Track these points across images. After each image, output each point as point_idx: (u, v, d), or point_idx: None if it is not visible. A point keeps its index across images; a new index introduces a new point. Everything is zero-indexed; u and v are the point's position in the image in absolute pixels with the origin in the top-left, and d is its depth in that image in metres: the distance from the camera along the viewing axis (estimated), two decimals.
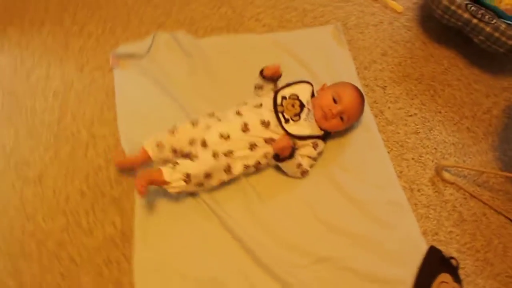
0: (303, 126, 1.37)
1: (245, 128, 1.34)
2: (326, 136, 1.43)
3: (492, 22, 1.47)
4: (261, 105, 1.41)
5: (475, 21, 1.50)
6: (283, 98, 1.39)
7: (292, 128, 1.37)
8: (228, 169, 1.34)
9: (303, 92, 1.41)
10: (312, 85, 1.45)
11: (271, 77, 1.43)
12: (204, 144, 1.33)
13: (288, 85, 1.44)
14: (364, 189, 1.42)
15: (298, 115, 1.37)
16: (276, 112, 1.36)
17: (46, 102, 1.53)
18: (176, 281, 1.28)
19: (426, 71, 1.65)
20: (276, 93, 1.41)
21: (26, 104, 1.53)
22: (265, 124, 1.35)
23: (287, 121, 1.36)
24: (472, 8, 1.50)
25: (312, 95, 1.43)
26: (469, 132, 1.54)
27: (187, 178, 1.27)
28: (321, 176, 1.44)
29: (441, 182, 1.45)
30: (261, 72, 1.44)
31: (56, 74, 1.58)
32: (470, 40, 1.66)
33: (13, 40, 1.66)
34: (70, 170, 1.42)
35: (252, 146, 1.34)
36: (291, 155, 1.34)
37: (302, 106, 1.38)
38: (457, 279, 1.30)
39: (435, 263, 1.32)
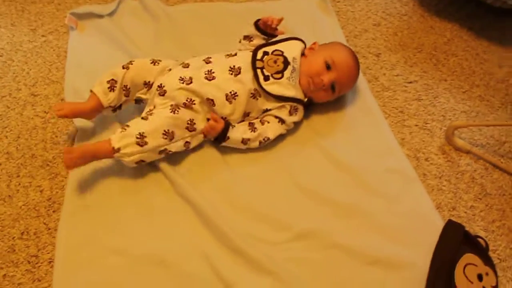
0: (286, 87, 1.12)
1: (210, 76, 1.11)
2: (309, 104, 1.18)
3: None
4: (235, 54, 1.18)
5: None
6: (265, 53, 1.15)
7: (272, 87, 1.12)
8: (191, 125, 1.07)
9: (291, 49, 1.17)
10: (304, 43, 1.21)
11: (267, 29, 1.18)
12: (162, 91, 1.09)
13: (273, 42, 1.20)
14: (356, 155, 1.14)
15: (281, 72, 1.12)
16: (254, 68, 1.12)
17: None
18: (109, 259, 0.97)
19: (427, 42, 1.44)
20: (256, 49, 1.17)
21: None
22: (234, 70, 1.11)
23: (266, 78, 1.11)
24: None
25: (303, 54, 1.19)
26: (483, 100, 1.28)
27: (141, 138, 1.00)
28: (304, 140, 1.18)
29: (454, 151, 1.17)
30: (256, 22, 1.19)
31: (4, 36, 1.39)
32: (473, 15, 1.50)
33: None
34: None
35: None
36: (219, 139, 1.09)
37: (286, 63, 1.13)
38: (488, 262, 0.97)
39: (457, 241, 0.99)
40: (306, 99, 1.16)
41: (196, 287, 0.93)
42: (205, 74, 1.10)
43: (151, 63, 1.14)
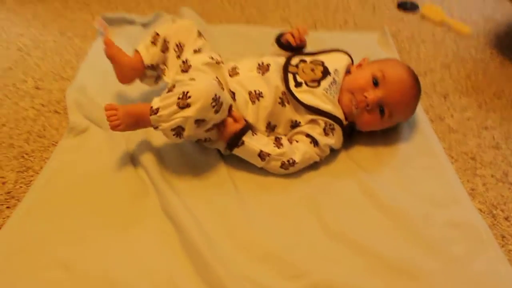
0: (321, 98, 0.89)
1: (232, 72, 0.92)
2: (349, 129, 0.93)
3: None
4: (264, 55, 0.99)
5: None
6: (302, 61, 0.94)
7: (304, 95, 0.89)
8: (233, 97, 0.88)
9: (334, 60, 0.95)
10: (351, 58, 0.99)
11: (291, 46, 0.98)
12: (186, 66, 0.92)
13: (312, 53, 0.99)
14: (407, 199, 0.84)
15: (318, 81, 0.90)
16: (285, 71, 0.91)
17: (6, 51, 1.23)
18: (52, 273, 0.71)
19: (508, 88, 1.17)
20: (291, 55, 0.96)
21: None
22: (262, 68, 0.91)
23: (298, 84, 0.90)
24: None
25: (348, 71, 0.97)
26: None
27: (183, 99, 0.75)
28: (340, 172, 0.91)
29: None
30: (278, 39, 1.01)
31: (32, 34, 1.31)
32: None
33: (6, 6, 1.43)
34: None
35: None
36: (232, 143, 0.86)
37: (326, 73, 0.91)
38: None
39: None
40: (346, 122, 0.92)
41: None
42: (228, 71, 0.92)
43: (196, 31, 0.97)
